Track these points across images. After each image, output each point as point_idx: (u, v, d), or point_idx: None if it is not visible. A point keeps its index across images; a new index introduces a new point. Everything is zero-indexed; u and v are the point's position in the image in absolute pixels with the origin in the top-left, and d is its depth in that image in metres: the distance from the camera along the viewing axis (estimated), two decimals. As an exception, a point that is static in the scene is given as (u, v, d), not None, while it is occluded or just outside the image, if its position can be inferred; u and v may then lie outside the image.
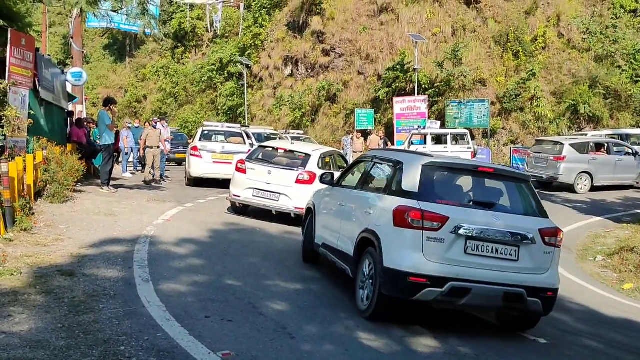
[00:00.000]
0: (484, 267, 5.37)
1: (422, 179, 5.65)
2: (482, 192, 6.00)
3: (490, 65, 25.85)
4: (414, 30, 27.09)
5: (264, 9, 33.83)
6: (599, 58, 24.86)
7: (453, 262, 5.33)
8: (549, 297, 5.56)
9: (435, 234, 5.31)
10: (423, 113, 24.06)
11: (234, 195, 11.03)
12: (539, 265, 5.53)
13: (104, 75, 45.43)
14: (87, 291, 5.67)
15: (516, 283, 5.39)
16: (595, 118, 23.71)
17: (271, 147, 11.60)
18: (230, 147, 15.56)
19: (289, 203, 10.47)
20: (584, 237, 12.59)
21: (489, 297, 5.43)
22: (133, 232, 8.57)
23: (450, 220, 5.33)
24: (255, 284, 6.63)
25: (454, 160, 6.63)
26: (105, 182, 12.56)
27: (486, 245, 5.39)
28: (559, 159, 17.92)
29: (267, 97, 32.56)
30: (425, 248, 5.32)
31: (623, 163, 18.43)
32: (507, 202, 5.95)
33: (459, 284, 5.29)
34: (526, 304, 5.44)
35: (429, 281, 5.26)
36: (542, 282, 5.51)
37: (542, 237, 5.53)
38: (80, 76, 15.91)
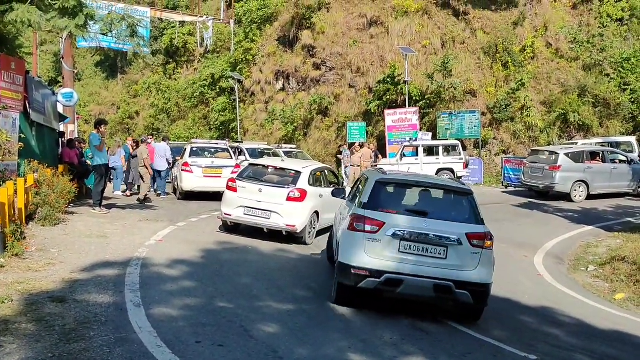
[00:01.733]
0: (415, 263, 6.50)
1: (372, 192, 7.00)
2: (423, 203, 7.22)
3: (480, 76, 26.07)
4: (403, 42, 27.30)
5: (254, 24, 34.01)
6: (587, 67, 25.12)
7: (389, 258, 6.54)
8: (478, 291, 6.52)
9: (374, 236, 6.60)
10: (414, 125, 24.20)
11: (225, 214, 11.00)
12: (466, 263, 6.54)
13: (96, 92, 45.43)
14: (78, 318, 5.66)
15: (445, 277, 6.44)
16: (585, 126, 23.90)
17: (261, 165, 11.65)
18: (219, 162, 16.54)
19: (281, 221, 10.49)
20: (576, 247, 12.67)
21: (421, 288, 6.49)
22: (125, 254, 8.57)
23: (386, 225, 6.58)
24: (247, 306, 6.64)
25: (402, 176, 8.23)
26: (98, 202, 12.55)
27: (417, 245, 6.54)
28: (555, 169, 18.06)
29: (259, 112, 32.64)
30: (367, 247, 6.60)
31: (618, 171, 18.59)
32: (444, 210, 7.09)
33: (393, 275, 6.47)
34: (455, 295, 6.48)
35: (369, 273, 6.52)
36: (470, 277, 6.50)
37: (469, 240, 6.54)
38: (71, 97, 15.95)
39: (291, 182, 10.82)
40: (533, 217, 15.75)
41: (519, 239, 12.91)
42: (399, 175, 8.33)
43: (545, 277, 10.26)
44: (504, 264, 10.89)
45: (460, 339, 6.42)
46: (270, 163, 11.80)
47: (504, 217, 15.45)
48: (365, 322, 6.60)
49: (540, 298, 8.84)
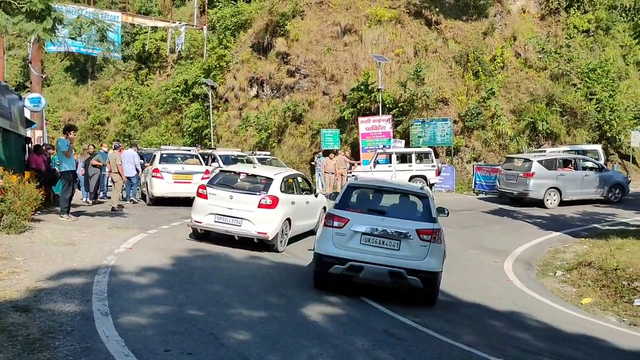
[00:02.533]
0: (374, 253, 7.67)
1: (343, 195, 8.40)
2: (384, 204, 8.47)
3: (452, 85, 26.44)
4: (377, 51, 27.54)
5: (228, 30, 33.89)
6: (554, 77, 25.73)
7: (352, 249, 7.76)
8: (427, 277, 7.62)
9: (340, 230, 7.86)
10: (388, 132, 24.39)
11: (196, 222, 10.82)
12: (417, 254, 7.62)
13: (66, 98, 44.59)
14: (43, 327, 5.51)
15: (397, 265, 7.56)
16: (553, 135, 24.45)
17: (233, 172, 11.51)
18: (189, 168, 16.74)
19: (252, 228, 10.35)
20: (544, 253, 12.90)
21: (378, 274, 7.72)
22: (93, 262, 8.39)
23: (350, 221, 7.85)
24: (217, 314, 6.56)
25: (369, 182, 9.50)
26: (65, 209, 12.29)
27: (375, 238, 7.73)
28: (529, 176, 18.43)
29: (233, 118, 32.47)
30: (334, 239, 7.87)
31: (589, 178, 19.05)
32: (401, 210, 8.27)
33: (355, 263, 7.68)
34: (407, 280, 7.61)
35: (335, 260, 7.76)
36: (419, 265, 7.58)
37: (418, 234, 7.66)
38: (39, 102, 15.62)
39: (262, 189, 10.70)
40: (503, 223, 15.99)
41: (489, 245, 13.09)
42: (367, 181, 9.59)
43: (514, 282, 10.41)
44: (474, 270, 11.05)
45: (431, 344, 6.46)
46: (242, 170, 11.66)
47: (474, 223, 15.66)
48: (337, 328, 6.59)
49: (509, 303, 8.96)
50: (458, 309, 8.36)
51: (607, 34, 27.39)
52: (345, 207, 8.16)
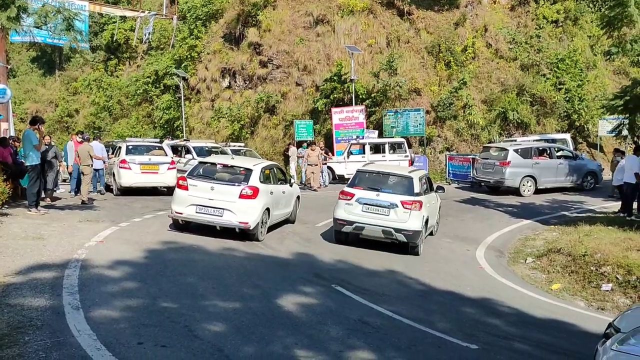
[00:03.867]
0: (371, 217, 10.74)
1: (353, 177, 11.84)
2: (379, 183, 11.28)
3: (424, 75, 26.60)
4: (349, 41, 27.50)
5: (199, 20, 33.41)
6: (525, 67, 26.09)
7: (357, 215, 10.86)
8: (409, 234, 10.55)
9: (349, 201, 11.00)
10: (361, 123, 24.44)
11: (176, 212, 10.88)
12: (401, 218, 10.59)
13: (32, 89, 43.44)
14: (12, 323, 5.40)
15: (388, 225, 10.59)
16: (524, 124, 24.83)
17: (212, 163, 11.68)
18: (156, 159, 17.22)
19: (233, 218, 10.51)
20: (515, 240, 13.14)
21: (374, 231, 10.75)
22: (63, 256, 8.24)
23: (355, 196, 10.99)
24: (191, 305, 6.52)
25: (372, 168, 12.27)
26: (33, 203, 12.01)
27: (372, 207, 10.79)
28: (505, 164, 18.70)
29: (205, 110, 32.10)
30: (345, 208, 11.01)
31: (564, 166, 19.43)
32: (391, 187, 11.19)
33: (358, 224, 10.80)
34: (395, 236, 10.62)
35: (346, 222, 10.95)
36: (403, 226, 10.55)
37: (402, 204, 10.63)
38: (4, 93, 15.14)
39: (243, 180, 10.89)
40: (475, 212, 16.22)
41: (462, 234, 13.26)
42: (371, 167, 12.46)
43: (486, 269, 10.58)
44: (447, 258, 11.20)
45: (405, 332, 6.53)
46: (221, 161, 11.86)
47: (447, 212, 15.80)
48: (312, 318, 6.61)
49: (481, 290, 9.11)
50: (431, 297, 8.46)
51: (575, 25, 27.85)
52: (353, 186, 11.34)
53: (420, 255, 10.96)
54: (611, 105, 14.46)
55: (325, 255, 10.27)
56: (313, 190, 19.88)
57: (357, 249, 11.06)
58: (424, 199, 11.09)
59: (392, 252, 11.03)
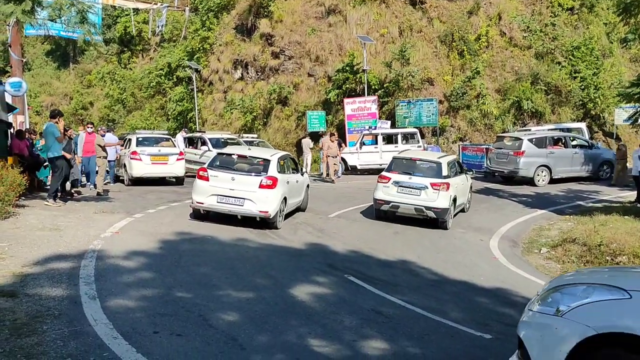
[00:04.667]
0: (406, 197, 12.38)
1: (390, 163, 13.43)
2: (413, 167, 12.92)
3: (437, 65, 26.41)
4: (361, 31, 27.36)
5: (211, 12, 33.41)
6: (539, 55, 25.79)
7: (393, 195, 12.51)
8: (437, 211, 12.14)
9: (386, 184, 12.64)
10: (373, 113, 24.36)
11: (198, 203, 11.19)
12: (431, 198, 12.20)
13: (47, 83, 43.87)
14: (30, 312, 5.50)
15: (419, 204, 12.22)
16: (538, 113, 24.60)
17: (230, 154, 11.99)
18: (165, 150, 17.97)
19: (254, 207, 10.84)
20: (529, 230, 13.05)
21: (408, 209, 12.38)
22: (79, 247, 8.35)
23: (391, 179, 12.62)
24: (206, 295, 6.58)
25: (405, 155, 13.85)
26: (53, 194, 12.18)
27: (405, 189, 12.41)
28: (519, 154, 18.54)
29: (218, 101, 32.19)
30: (383, 190, 12.68)
31: (579, 156, 19.21)
32: (422, 171, 12.78)
33: (394, 203, 12.47)
34: (426, 213, 12.22)
35: (384, 202, 12.60)
36: (432, 204, 12.16)
37: (432, 186, 12.22)
38: (20, 86, 15.31)
39: (262, 170, 11.23)
40: (489, 202, 16.13)
41: (476, 224, 13.21)
42: (404, 154, 14.02)
43: (500, 259, 10.53)
44: (461, 248, 11.16)
45: (418, 321, 6.54)
46: (239, 152, 12.19)
47: (461, 202, 15.76)
48: (325, 307, 6.64)
49: (495, 280, 9.07)
50: (445, 287, 8.45)
51: (591, 12, 27.45)
52: (389, 171, 12.97)
53: (434, 245, 10.96)
54: (627, 93, 14.26)
55: (338, 245, 10.30)
56: (331, 182, 19.68)
57: (370, 239, 11.07)
58: (451, 181, 12.53)
59: (405, 243, 11.02)
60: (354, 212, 13.90)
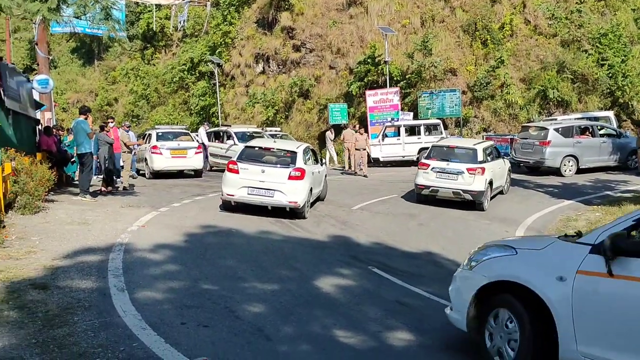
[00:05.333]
0: (444, 182, 13.30)
1: (429, 150, 14.48)
2: (451, 154, 13.89)
3: (460, 55, 26.09)
4: (383, 22, 27.18)
5: (232, 6, 33.54)
6: (565, 43, 25.27)
7: (432, 180, 13.42)
8: (473, 193, 13.02)
9: (425, 170, 13.58)
10: (396, 105, 24.21)
11: (228, 195, 11.49)
12: (467, 182, 13.07)
13: (73, 80, 44.61)
14: (61, 304, 5.63)
15: (457, 188, 13.11)
16: (564, 102, 24.13)
17: (258, 147, 12.31)
18: (184, 144, 18.81)
19: (284, 198, 11.19)
20: (556, 221, 12.82)
21: (447, 193, 13.28)
22: (107, 241, 8.51)
23: (430, 165, 13.53)
24: (231, 287, 6.65)
25: (443, 142, 15.38)
26: (86, 190, 12.44)
27: (444, 174, 13.35)
28: (545, 144, 18.23)
29: (240, 95, 32.36)
30: (423, 175, 13.62)
31: (607, 145, 18.82)
32: (458, 157, 13.66)
33: (434, 188, 13.37)
34: (463, 195, 13.12)
35: (424, 187, 13.53)
36: (469, 187, 13.05)
37: (468, 170, 13.10)
38: (47, 83, 15.61)
39: (290, 162, 11.60)
40: (514, 193, 15.93)
41: (501, 215, 13.07)
42: (443, 142, 15.66)
43: (526, 250, 10.39)
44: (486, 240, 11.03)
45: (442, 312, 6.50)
46: (266, 145, 12.54)
47: (485, 193, 15.61)
48: (349, 299, 6.67)
49: (521, 271, 8.96)
50: (470, 278, 8.39)
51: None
52: (429, 158, 13.90)
53: (458, 237, 10.88)
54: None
55: (362, 237, 10.30)
56: (364, 176, 19.25)
57: (393, 231, 11.05)
58: (487, 166, 13.40)
59: (429, 235, 10.97)
60: (377, 204, 13.87)
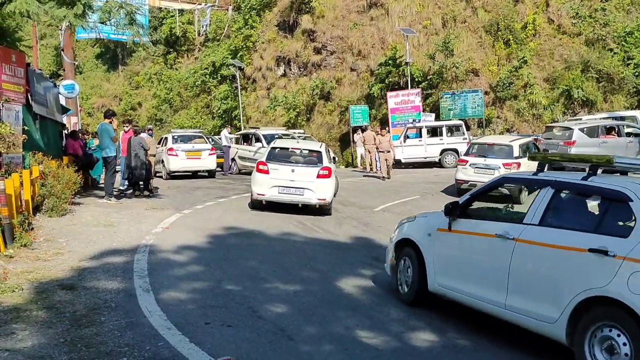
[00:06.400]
0: (481, 176, 13.64)
1: (468, 147, 16.12)
2: (488, 151, 14.87)
3: (482, 55, 25.89)
4: (404, 23, 27.11)
5: (253, 10, 33.83)
6: (589, 42, 24.90)
7: (470, 175, 14.42)
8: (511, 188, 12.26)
9: (464, 166, 14.82)
10: (417, 106, 24.12)
11: (259, 194, 11.95)
12: None
13: (98, 85, 45.44)
14: (88, 304, 5.73)
15: None
16: (589, 102, 23.78)
17: (285, 148, 12.80)
18: (198, 146, 20.06)
19: (313, 196, 11.78)
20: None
21: None
22: (132, 242, 8.64)
23: (467, 162, 14.75)
24: (254, 288, 6.70)
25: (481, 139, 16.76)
26: (111, 193, 12.65)
27: (481, 169, 14.26)
28: (569, 144, 17.95)
29: (261, 98, 32.59)
30: (462, 171, 14.83)
31: (634, 145, 18.49)
32: (494, 153, 14.64)
33: (472, 182, 13.78)
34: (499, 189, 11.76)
35: (463, 181, 14.52)
36: None
37: (504, 166, 13.85)
38: (73, 88, 15.94)
39: (317, 161, 12.20)
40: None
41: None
42: (482, 139, 16.91)
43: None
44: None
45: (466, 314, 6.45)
46: (292, 145, 13.04)
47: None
48: (372, 300, 6.65)
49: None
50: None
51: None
52: (468, 155, 15.15)
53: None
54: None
55: (384, 239, 10.22)
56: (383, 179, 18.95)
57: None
58: (522, 161, 13.75)
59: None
60: (399, 205, 13.82)
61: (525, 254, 5.03)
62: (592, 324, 4.42)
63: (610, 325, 4.31)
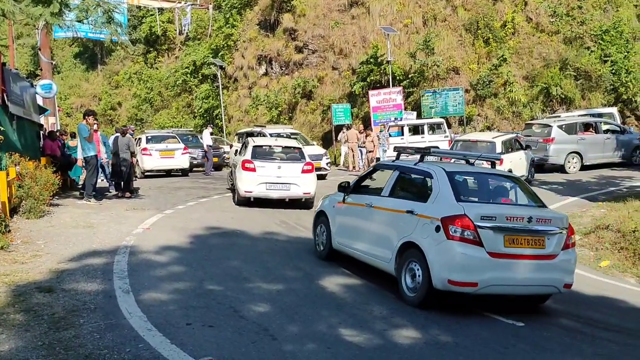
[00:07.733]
0: None
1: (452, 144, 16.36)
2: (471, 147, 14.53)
3: (462, 53, 26.07)
4: (385, 22, 27.18)
5: (234, 8, 33.62)
6: (567, 40, 25.20)
7: None
8: None
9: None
10: (399, 104, 24.20)
11: (246, 192, 12.30)
12: None
13: (77, 85, 44.76)
14: (67, 306, 5.64)
15: None
16: (568, 99, 24.07)
17: (268, 146, 13.26)
18: (172, 146, 20.90)
19: (299, 190, 12.33)
20: (561, 218, 12.80)
21: None
22: (112, 243, 8.53)
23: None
24: (236, 288, 6.65)
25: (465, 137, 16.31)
26: (91, 194, 12.47)
27: None
28: (548, 141, 18.24)
29: (243, 97, 32.43)
30: None
31: (611, 141, 18.80)
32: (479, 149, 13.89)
33: None
34: None
35: None
36: None
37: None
38: (50, 88, 15.68)
39: (300, 157, 12.66)
40: (518, 190, 15.90)
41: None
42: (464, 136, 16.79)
43: (531, 248, 10.35)
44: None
45: (449, 310, 6.49)
46: (274, 143, 13.47)
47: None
48: (355, 298, 6.66)
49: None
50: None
51: (620, -6, 26.68)
52: None
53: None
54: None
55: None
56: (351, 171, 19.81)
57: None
58: (505, 157, 13.55)
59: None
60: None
61: (378, 216, 7.14)
62: (406, 260, 6.48)
63: (414, 261, 6.36)
